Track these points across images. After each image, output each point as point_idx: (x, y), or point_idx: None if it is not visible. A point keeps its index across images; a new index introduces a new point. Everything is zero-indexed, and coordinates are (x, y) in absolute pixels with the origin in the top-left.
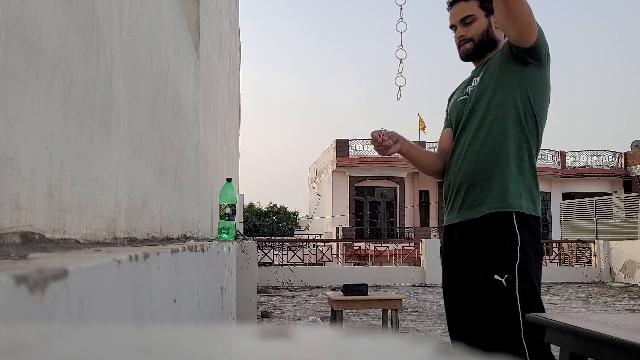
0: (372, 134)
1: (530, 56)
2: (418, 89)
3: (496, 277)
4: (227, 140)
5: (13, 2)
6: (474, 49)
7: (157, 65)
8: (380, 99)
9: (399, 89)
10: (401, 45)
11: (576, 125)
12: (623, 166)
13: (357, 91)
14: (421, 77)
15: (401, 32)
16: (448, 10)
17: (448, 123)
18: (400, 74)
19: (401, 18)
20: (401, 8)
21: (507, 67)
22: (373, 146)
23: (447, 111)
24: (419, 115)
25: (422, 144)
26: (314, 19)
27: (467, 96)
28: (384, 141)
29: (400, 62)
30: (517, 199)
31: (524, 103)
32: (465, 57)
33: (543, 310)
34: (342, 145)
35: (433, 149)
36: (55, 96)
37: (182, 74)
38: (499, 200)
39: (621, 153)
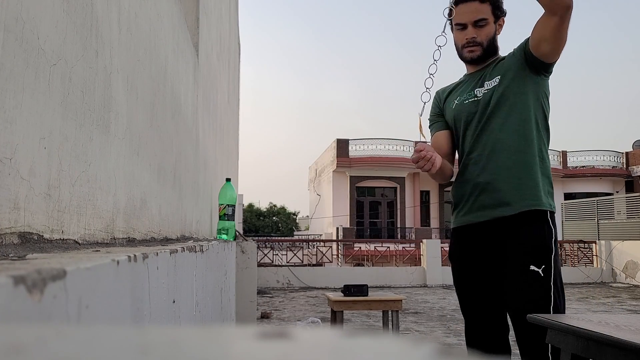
0: (417, 148)
1: (546, 69)
2: (419, 89)
3: (532, 267)
4: (226, 140)
5: (12, 1)
6: (481, 55)
7: (156, 64)
8: (381, 99)
9: (424, 104)
10: (435, 61)
11: (578, 125)
12: (625, 166)
13: (357, 91)
14: (422, 77)
15: (440, 46)
16: (452, 6)
17: (444, 125)
18: (428, 90)
19: (444, 32)
20: (446, 20)
21: (524, 75)
22: (416, 163)
23: (440, 112)
24: (419, 116)
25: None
26: (314, 18)
27: (476, 98)
28: (428, 154)
29: (430, 76)
30: (546, 198)
31: (539, 109)
32: (470, 60)
33: (565, 301)
34: (342, 145)
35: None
36: (54, 95)
37: (181, 73)
38: (533, 198)
39: (623, 153)
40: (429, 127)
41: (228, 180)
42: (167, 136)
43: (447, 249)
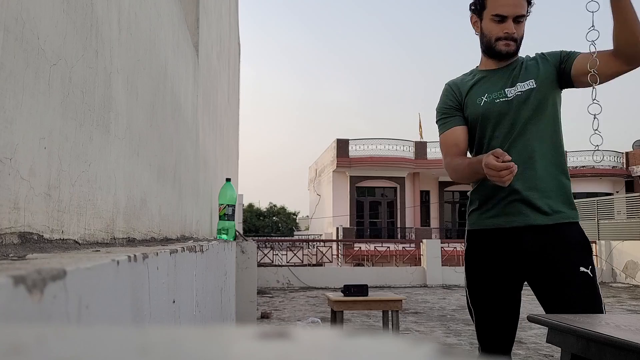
0: (506, 157)
1: (572, 86)
2: (418, 89)
3: (582, 269)
4: (226, 139)
5: (12, 1)
6: (515, 51)
7: (156, 64)
8: (381, 99)
9: (596, 147)
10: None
11: (578, 125)
12: (625, 166)
13: (358, 91)
14: (421, 77)
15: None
16: None
17: (462, 120)
18: (597, 132)
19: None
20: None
21: (556, 86)
22: (499, 172)
23: (458, 108)
24: (419, 116)
25: (423, 144)
26: (314, 18)
27: (507, 98)
28: (514, 167)
29: (595, 117)
30: (576, 210)
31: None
32: (504, 55)
33: None
34: (342, 145)
35: (434, 149)
36: (54, 96)
37: (181, 73)
38: (569, 209)
39: (623, 153)
40: (442, 119)
41: (228, 180)
42: (167, 136)
43: (448, 249)
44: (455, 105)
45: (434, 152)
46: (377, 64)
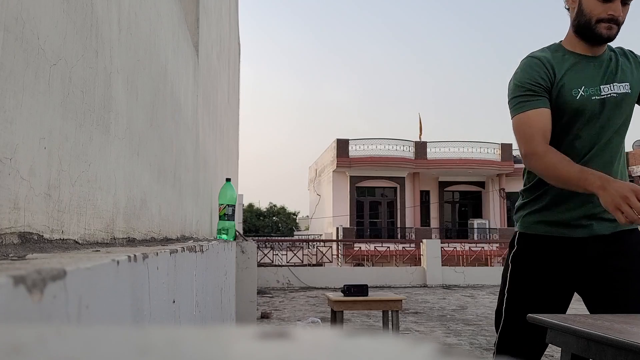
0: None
1: None
2: (418, 89)
3: None
4: (226, 140)
5: (12, 1)
6: (614, 36)
7: (156, 64)
8: (380, 99)
9: None
10: None
11: None
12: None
13: (358, 91)
14: (421, 77)
15: None
16: None
17: (548, 102)
18: None
19: None
20: None
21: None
22: (619, 212)
23: (548, 88)
24: (419, 117)
25: (423, 144)
26: (314, 18)
27: (600, 96)
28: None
29: None
30: None
31: None
32: (604, 39)
33: None
34: (342, 145)
35: (434, 149)
36: (54, 96)
37: (181, 73)
38: None
39: None
40: (526, 95)
41: (228, 180)
42: (167, 136)
43: (448, 249)
44: (546, 84)
45: (434, 152)
46: (377, 63)
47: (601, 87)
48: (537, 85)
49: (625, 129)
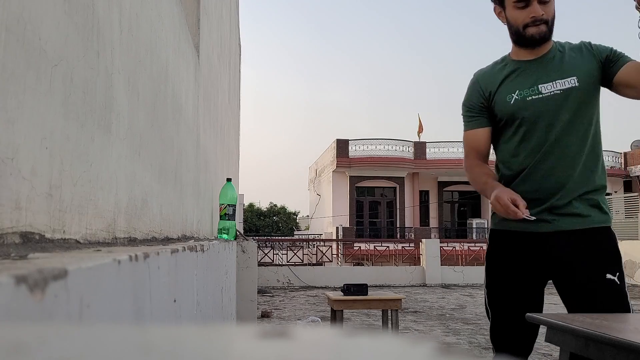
0: (516, 201)
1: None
2: (419, 89)
3: (609, 276)
4: (227, 140)
5: (13, 2)
6: (547, 34)
7: (157, 65)
8: (381, 99)
9: None
10: None
11: None
12: (623, 166)
13: (358, 91)
14: (421, 77)
15: None
16: None
17: (487, 121)
18: None
19: None
20: None
21: (598, 86)
22: (500, 211)
23: (484, 106)
24: (418, 116)
25: (423, 144)
26: (314, 19)
27: (541, 95)
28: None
29: None
30: (609, 215)
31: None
32: (538, 40)
33: None
34: (342, 145)
35: (433, 149)
36: (56, 96)
37: (182, 73)
38: (600, 214)
39: (621, 153)
40: (465, 115)
41: (229, 180)
42: (168, 136)
43: (447, 248)
44: (480, 103)
45: (433, 152)
46: (377, 64)
47: (539, 86)
48: (472, 105)
49: (584, 118)
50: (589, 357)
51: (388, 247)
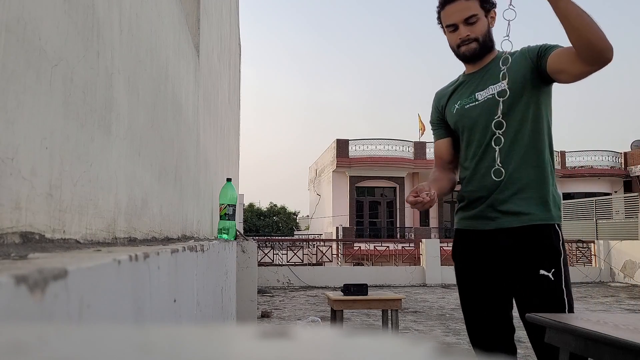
0: (414, 191)
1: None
2: (418, 89)
3: (542, 272)
4: (227, 140)
5: (13, 2)
6: (479, 50)
7: (157, 65)
8: (381, 99)
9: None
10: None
11: (576, 125)
12: (623, 166)
13: (357, 91)
14: (421, 77)
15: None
16: (439, 9)
17: (445, 132)
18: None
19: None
20: (509, 24)
21: (535, 84)
22: (413, 205)
23: (441, 117)
24: (419, 116)
25: (422, 144)
26: (314, 19)
27: (477, 102)
28: (425, 199)
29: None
30: (556, 211)
31: (548, 117)
32: (470, 57)
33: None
34: (342, 145)
35: (433, 149)
36: (55, 96)
37: (182, 74)
38: (543, 211)
39: (621, 153)
40: (432, 129)
41: (229, 180)
42: (168, 136)
43: (447, 248)
44: (437, 117)
45: (433, 152)
46: (377, 64)
47: (476, 94)
48: (433, 120)
49: (517, 116)
50: (588, 357)
51: (388, 247)
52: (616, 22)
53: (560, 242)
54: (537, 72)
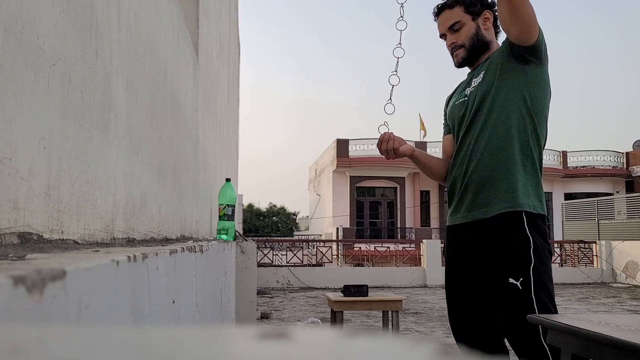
0: (381, 137)
1: (531, 54)
2: (418, 89)
3: (511, 280)
4: (226, 139)
5: (11, 1)
6: (467, 55)
7: (155, 64)
8: (381, 99)
9: (392, 87)
10: (400, 44)
11: (578, 125)
12: (625, 166)
13: (358, 91)
14: (422, 77)
15: (401, 31)
16: (435, 21)
17: (448, 129)
18: (395, 73)
19: (401, 16)
20: (402, 6)
21: (508, 66)
22: (379, 149)
23: (445, 116)
24: (419, 116)
25: (423, 144)
26: (314, 17)
27: (466, 98)
28: (385, 136)
29: (397, 60)
30: (525, 198)
31: (527, 101)
32: (460, 64)
33: (556, 311)
34: (342, 145)
35: (434, 149)
36: (54, 95)
37: (181, 73)
38: (509, 200)
39: (623, 153)
40: (443, 124)
41: (228, 180)
42: (167, 136)
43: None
44: (444, 114)
45: (434, 152)
46: (377, 63)
47: (465, 90)
48: (444, 118)
49: (489, 104)
50: (589, 358)
51: (388, 247)
52: (618, 21)
53: (531, 246)
54: (511, 52)
